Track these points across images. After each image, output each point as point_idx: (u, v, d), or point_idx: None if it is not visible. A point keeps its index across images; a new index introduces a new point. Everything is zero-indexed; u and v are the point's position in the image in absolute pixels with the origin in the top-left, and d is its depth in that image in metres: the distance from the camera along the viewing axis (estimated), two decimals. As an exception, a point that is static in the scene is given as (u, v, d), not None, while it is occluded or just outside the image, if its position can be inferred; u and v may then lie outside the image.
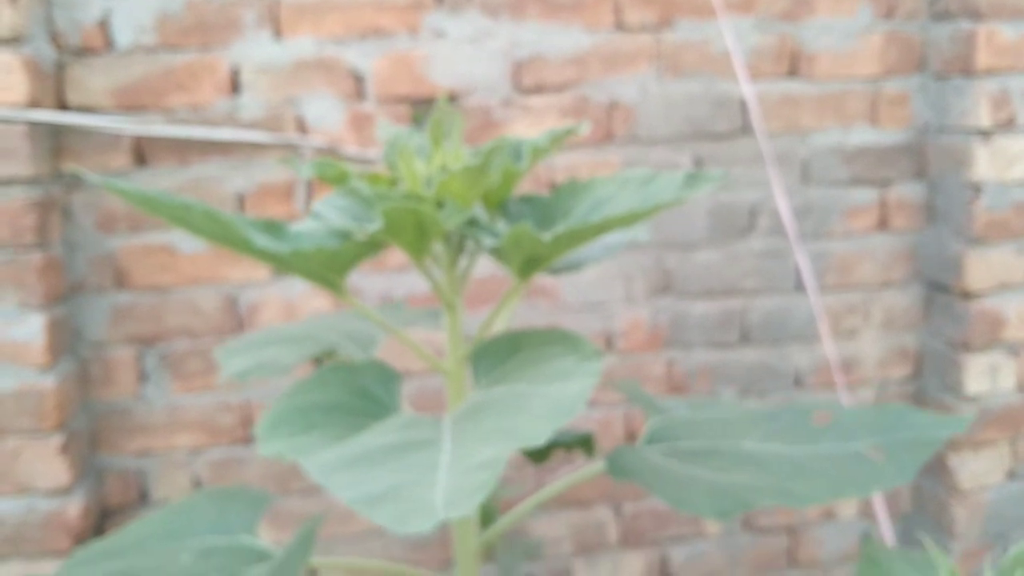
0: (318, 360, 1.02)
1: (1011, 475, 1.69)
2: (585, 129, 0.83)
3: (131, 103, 1.46)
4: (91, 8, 1.44)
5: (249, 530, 0.91)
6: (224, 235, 0.72)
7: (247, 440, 1.57)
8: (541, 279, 1.60)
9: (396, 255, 1.51)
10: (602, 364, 0.70)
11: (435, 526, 0.57)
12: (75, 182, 1.47)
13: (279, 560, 0.86)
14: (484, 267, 1.46)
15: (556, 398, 0.66)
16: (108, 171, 1.47)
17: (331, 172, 0.77)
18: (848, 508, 1.78)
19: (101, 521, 1.53)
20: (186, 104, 1.48)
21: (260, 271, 1.53)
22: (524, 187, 1.56)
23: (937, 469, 1.70)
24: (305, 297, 1.55)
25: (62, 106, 1.45)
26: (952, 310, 1.66)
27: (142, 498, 1.56)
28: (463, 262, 0.84)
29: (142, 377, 1.53)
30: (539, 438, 0.63)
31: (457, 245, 0.82)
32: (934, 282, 1.70)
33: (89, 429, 1.52)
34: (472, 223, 0.78)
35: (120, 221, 1.49)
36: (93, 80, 1.45)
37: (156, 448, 1.55)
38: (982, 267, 1.61)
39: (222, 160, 1.50)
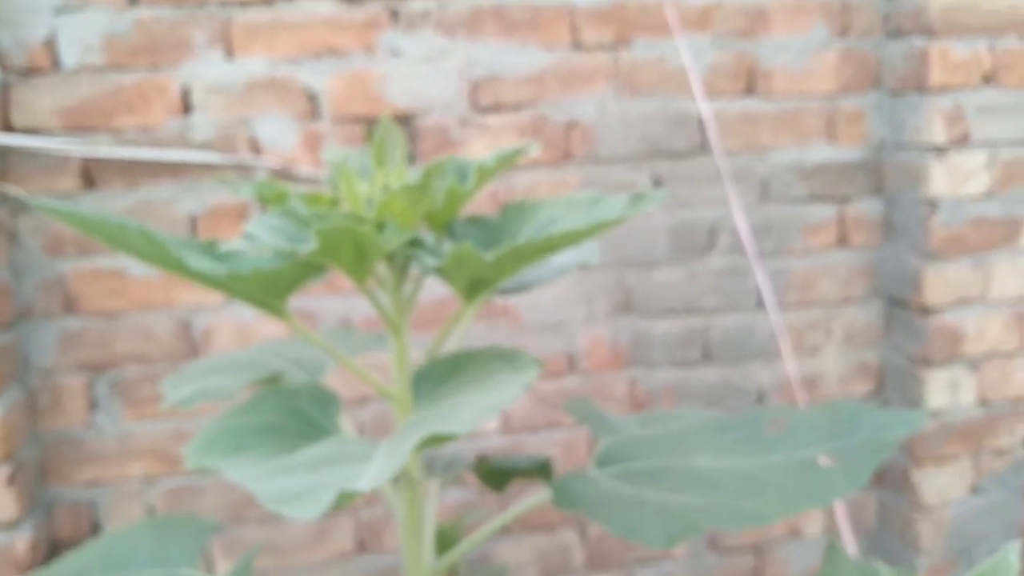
0: (263, 386, 1.00)
1: (974, 490, 1.69)
2: (535, 150, 0.82)
3: (79, 124, 1.43)
4: (37, 27, 1.41)
5: (191, 562, 0.88)
6: (159, 256, 0.70)
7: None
8: (502, 300, 1.58)
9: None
10: (536, 372, 0.69)
11: (336, 501, 0.57)
12: (21, 205, 1.43)
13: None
14: (438, 290, 1.44)
15: (484, 403, 0.65)
16: (56, 193, 1.44)
17: (270, 192, 0.75)
18: (813, 525, 1.77)
19: (52, 554, 1.49)
20: (136, 125, 1.45)
21: (213, 296, 1.50)
22: (482, 207, 1.54)
23: (901, 484, 1.70)
24: (260, 322, 1.52)
25: (7, 127, 1.42)
26: (912, 325, 1.66)
27: (94, 530, 1.51)
28: (409, 285, 0.82)
29: (93, 405, 1.49)
30: (456, 430, 0.62)
31: (402, 267, 0.80)
32: (893, 298, 1.70)
33: (38, 459, 1.47)
34: (414, 244, 0.76)
35: (69, 245, 1.45)
36: (39, 101, 1.42)
37: (108, 478, 1.50)
38: (940, 282, 1.62)
39: (173, 182, 1.47)
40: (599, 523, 0.81)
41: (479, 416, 0.62)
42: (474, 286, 0.77)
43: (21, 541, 1.38)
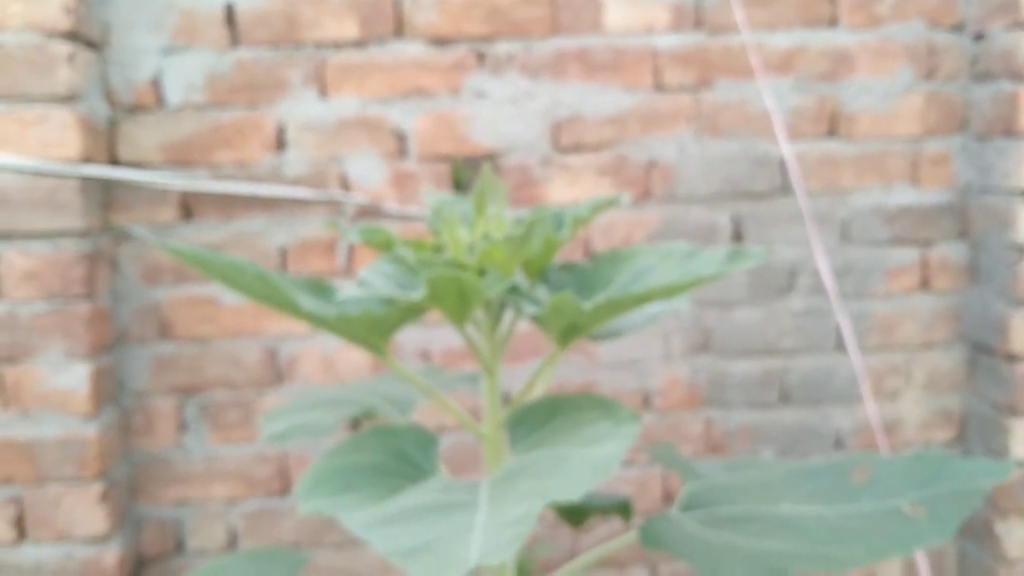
0: (357, 422, 1.03)
1: (1061, 544, 1.64)
2: (626, 200, 0.84)
3: (180, 159, 1.50)
4: (144, 67, 1.49)
5: (287, 594, 0.91)
6: (272, 297, 0.74)
7: (283, 492, 1.57)
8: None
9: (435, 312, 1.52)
10: (638, 428, 0.70)
11: (468, 574, 0.58)
12: (123, 234, 1.50)
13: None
14: (524, 325, 1.46)
15: (590, 460, 0.66)
16: (156, 224, 1.51)
17: (377, 239, 0.78)
18: (892, 573, 1.73)
19: (137, 570, 1.54)
20: (232, 160, 1.51)
21: (300, 325, 1.55)
22: (567, 247, 1.56)
23: (983, 535, 1.66)
24: (344, 351, 1.56)
25: (114, 161, 1.49)
26: (997, 372, 1.63)
27: (178, 548, 1.56)
28: (503, 327, 0.85)
29: (182, 427, 1.55)
30: (572, 496, 0.63)
31: (498, 311, 0.83)
32: (978, 343, 1.67)
33: (128, 478, 1.53)
34: (513, 291, 0.78)
35: (165, 273, 1.52)
36: (144, 136, 1.49)
37: (193, 498, 1.56)
38: (1028, 329, 1.58)
39: (266, 215, 1.53)
40: (687, 563, 0.82)
41: (587, 479, 0.63)
42: (568, 332, 0.79)
43: (110, 556, 1.44)
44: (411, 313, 0.76)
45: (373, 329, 0.75)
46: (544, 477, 0.65)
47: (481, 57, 1.55)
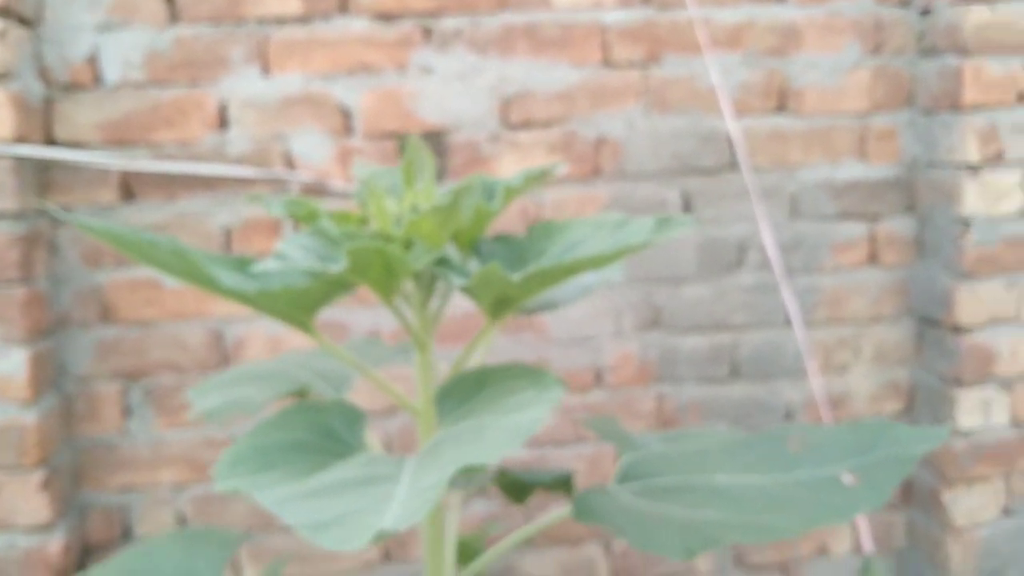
0: (290, 399, 1.02)
1: (1006, 511, 1.67)
2: (562, 169, 0.83)
3: (119, 138, 1.47)
4: (80, 44, 1.45)
5: (216, 574, 0.89)
6: (190, 273, 0.72)
7: (232, 476, 1.55)
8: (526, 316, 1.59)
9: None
10: (561, 393, 0.70)
11: (373, 539, 0.58)
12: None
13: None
14: (463, 305, 1.45)
15: (511, 426, 0.66)
16: (96, 206, 1.47)
17: (301, 210, 0.77)
18: (841, 544, 1.76)
19: (83, 558, 1.52)
20: (174, 139, 1.48)
21: (246, 307, 1.53)
22: (512, 222, 1.56)
23: (931, 505, 1.68)
24: (291, 333, 1.54)
25: (50, 141, 1.46)
26: (943, 344, 1.65)
27: (125, 535, 1.54)
28: (435, 301, 0.83)
29: (126, 412, 1.52)
30: (489, 459, 0.63)
31: (428, 284, 0.82)
32: (925, 316, 1.69)
33: (72, 464, 1.51)
34: (442, 263, 0.77)
35: (106, 255, 1.49)
36: (81, 115, 1.46)
37: (140, 484, 1.53)
38: (973, 301, 1.60)
39: (209, 195, 1.50)
40: (618, 536, 0.82)
41: (505, 442, 0.63)
42: (499, 304, 0.78)
43: (54, 545, 1.41)
44: (336, 288, 0.75)
45: (296, 304, 0.73)
46: (465, 444, 0.65)
47: (427, 32, 1.53)
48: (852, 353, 1.71)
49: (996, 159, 1.58)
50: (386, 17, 1.51)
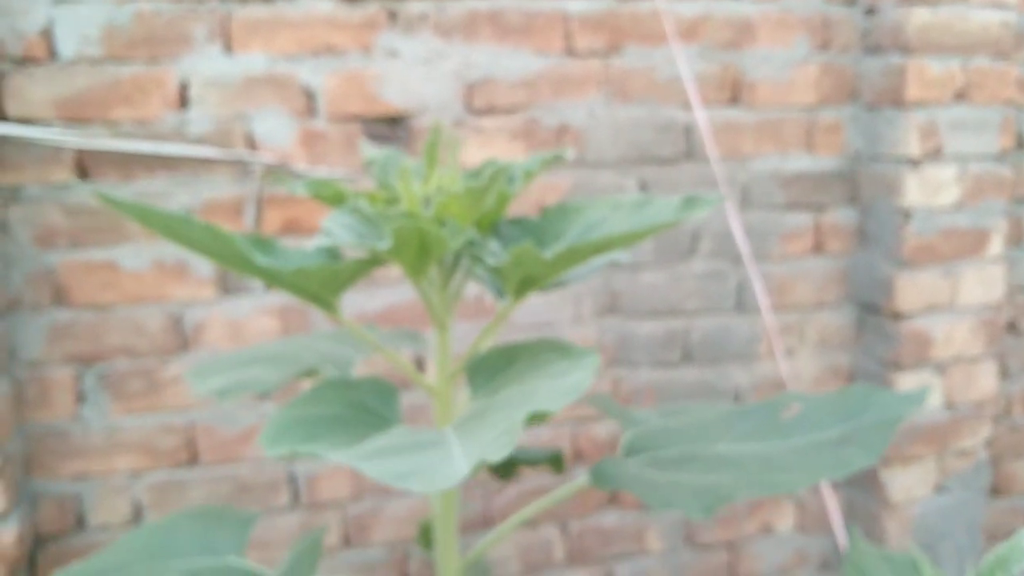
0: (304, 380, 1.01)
1: (938, 489, 1.76)
2: (570, 155, 0.85)
3: (74, 115, 1.42)
4: (34, 17, 1.39)
5: (238, 551, 0.89)
6: (223, 252, 0.71)
7: (191, 463, 1.53)
8: (487, 300, 1.61)
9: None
10: (597, 361, 0.72)
11: (462, 479, 0.61)
12: (12, 195, 1.41)
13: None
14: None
15: (561, 388, 0.68)
16: (49, 184, 1.43)
17: (328, 192, 0.77)
18: (785, 522, 1.83)
19: (36, 548, 1.47)
20: (132, 117, 1.44)
21: (206, 290, 1.50)
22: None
23: (869, 483, 1.76)
24: (252, 317, 1.52)
25: (1, 116, 1.40)
26: (883, 330, 1.73)
27: (79, 524, 1.50)
28: (455, 282, 0.84)
29: (80, 398, 1.48)
30: (555, 406, 0.65)
31: (451, 266, 0.82)
32: (866, 303, 1.77)
33: (23, 452, 1.46)
34: (471, 243, 0.78)
35: (60, 236, 1.44)
36: (35, 91, 1.40)
37: (94, 472, 1.49)
38: (911, 289, 1.69)
39: (168, 176, 1.47)
40: (639, 498, 0.85)
41: (562, 398, 0.65)
42: (524, 284, 0.80)
43: (6, 534, 1.36)
44: (367, 267, 0.75)
45: (328, 283, 0.73)
46: (517, 406, 0.66)
47: (393, 15, 1.52)
48: (797, 338, 1.78)
49: (935, 154, 1.66)
50: (351, -1, 1.50)
